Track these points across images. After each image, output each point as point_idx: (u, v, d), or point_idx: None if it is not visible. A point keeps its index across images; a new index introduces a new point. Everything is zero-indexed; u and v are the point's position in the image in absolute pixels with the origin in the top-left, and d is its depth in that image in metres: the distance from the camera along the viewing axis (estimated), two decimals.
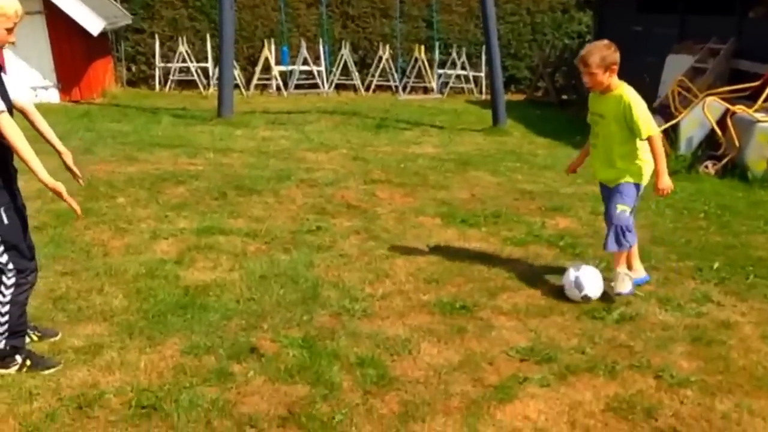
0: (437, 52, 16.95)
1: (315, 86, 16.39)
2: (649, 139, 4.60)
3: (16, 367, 3.66)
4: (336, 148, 9.84)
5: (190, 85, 15.99)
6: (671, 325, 4.38)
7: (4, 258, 3.60)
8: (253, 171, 8.15)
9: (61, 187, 3.67)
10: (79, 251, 5.39)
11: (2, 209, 3.57)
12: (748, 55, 9.78)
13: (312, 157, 9.17)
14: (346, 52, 16.39)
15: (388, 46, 16.59)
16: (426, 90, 17.07)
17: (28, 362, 3.68)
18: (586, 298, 4.70)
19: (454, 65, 16.96)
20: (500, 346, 4.09)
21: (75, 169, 4.00)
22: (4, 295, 3.61)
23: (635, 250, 5.04)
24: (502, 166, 9.06)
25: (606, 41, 4.70)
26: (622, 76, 4.78)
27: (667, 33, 12.21)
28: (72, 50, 13.49)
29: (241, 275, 5.04)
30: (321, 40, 16.44)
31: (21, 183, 3.80)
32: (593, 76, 4.61)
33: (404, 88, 16.76)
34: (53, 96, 13.57)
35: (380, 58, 16.50)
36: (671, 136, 9.43)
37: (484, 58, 15.61)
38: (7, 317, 3.63)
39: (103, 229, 5.93)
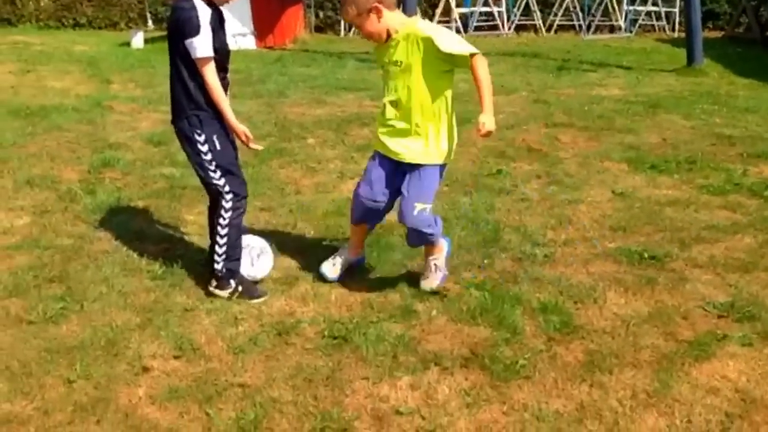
0: None
1: (495, 27, 16.05)
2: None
3: (230, 291, 3.93)
4: (516, 91, 9.62)
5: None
6: None
7: (222, 181, 3.88)
8: None
9: (246, 132, 3.94)
10: (275, 189, 5.70)
11: (214, 136, 3.87)
12: None
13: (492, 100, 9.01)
14: None
15: None
16: (612, 29, 16.20)
17: (240, 288, 3.94)
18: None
19: (644, 1, 15.93)
20: (695, 301, 3.88)
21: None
22: (224, 219, 3.87)
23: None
24: (697, 109, 8.47)
25: None
26: None
27: None
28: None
29: None
30: None
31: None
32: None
33: (588, 28, 16.00)
34: (250, 43, 14.26)
35: None
36: None
37: None
38: (225, 239, 3.89)
39: (295, 168, 6.23)
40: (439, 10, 15.62)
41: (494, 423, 2.93)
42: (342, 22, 16.35)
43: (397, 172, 3.86)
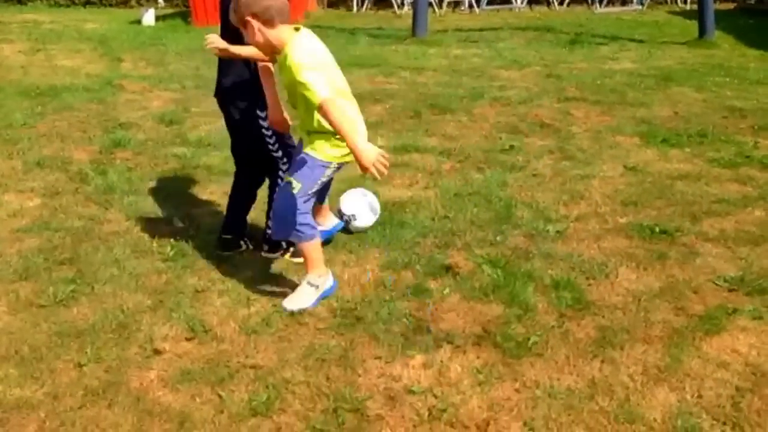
0: None
1: (507, 2, 15.89)
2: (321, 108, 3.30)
3: (281, 252, 4.17)
4: (529, 66, 9.55)
5: (385, 4, 16.09)
6: None
7: (279, 153, 4.07)
8: (447, 89, 8.13)
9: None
10: None
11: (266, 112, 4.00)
12: None
13: (504, 75, 8.98)
14: None
15: None
16: (624, 2, 16.02)
17: (291, 249, 4.11)
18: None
19: None
20: (706, 275, 3.87)
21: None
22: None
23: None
24: (709, 82, 8.39)
25: None
26: None
27: None
28: None
29: (435, 193, 5.11)
30: None
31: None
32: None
33: (601, 1, 15.82)
34: None
35: None
36: None
37: None
38: None
39: None
40: None
41: (506, 400, 2.95)
42: None
43: None
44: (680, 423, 2.77)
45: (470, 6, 15.82)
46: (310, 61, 3.38)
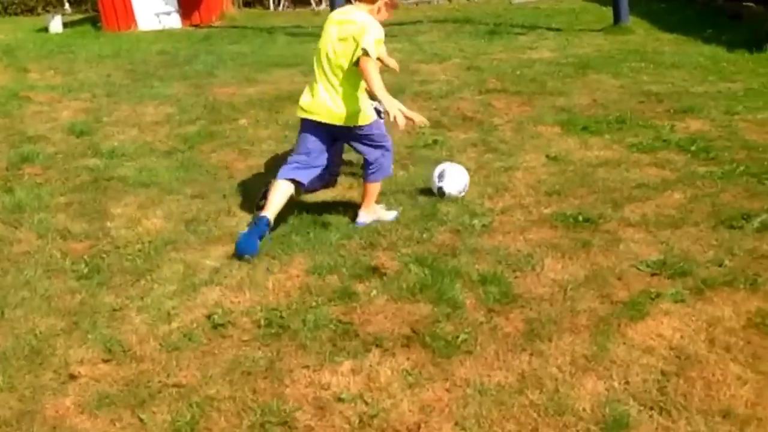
0: None
1: None
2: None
3: None
4: (449, 58, 9.58)
5: (303, 2, 15.93)
6: None
7: None
8: None
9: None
10: (207, 174, 5.55)
11: None
12: None
13: (425, 69, 8.98)
14: None
15: None
16: None
17: None
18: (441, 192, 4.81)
19: None
20: (629, 260, 3.92)
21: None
22: None
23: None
24: (625, 67, 8.56)
25: None
26: None
27: None
28: None
29: (359, 193, 5.03)
30: None
31: (151, 108, 3.88)
32: None
33: None
34: (175, 21, 13.86)
35: None
36: None
37: None
38: None
39: (228, 151, 6.08)
40: None
41: (437, 401, 2.91)
42: None
43: None
44: (608, 411, 2.77)
45: None
46: None
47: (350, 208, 4.74)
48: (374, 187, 4.57)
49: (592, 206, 4.64)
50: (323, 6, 15.23)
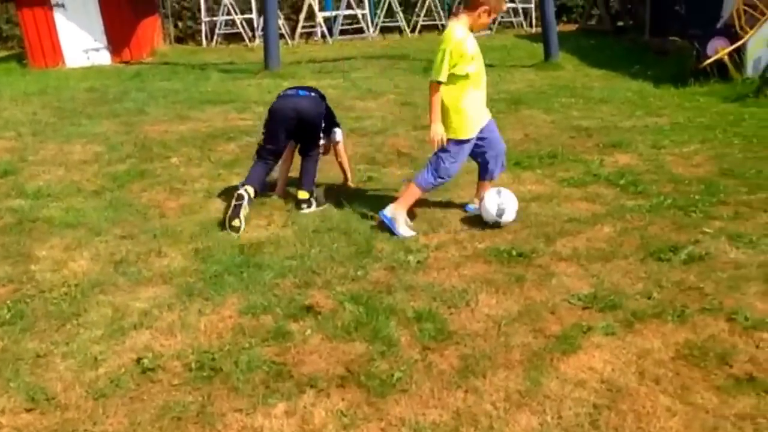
0: None
1: (360, 31, 16.13)
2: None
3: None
4: (384, 94, 9.67)
5: (236, 38, 15.92)
6: (743, 264, 4.18)
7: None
8: None
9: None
10: (137, 214, 5.43)
11: None
12: None
13: (360, 105, 9.04)
14: None
15: None
16: None
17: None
18: (500, 214, 4.88)
19: None
20: (561, 294, 3.97)
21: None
22: (316, 162, 5.54)
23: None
24: (556, 103, 8.78)
25: None
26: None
27: None
28: (120, 10, 13.52)
29: (294, 231, 5.00)
30: None
31: (79, 147, 3.77)
32: None
33: None
34: (105, 58, 13.66)
35: None
36: (736, 58, 8.97)
37: None
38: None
39: (159, 190, 5.96)
40: (302, 15, 15.53)
41: None
42: (203, 32, 15.93)
43: None
44: None
45: (323, 36, 15.94)
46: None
47: (283, 248, 4.70)
48: (411, 191, 4.95)
49: (525, 241, 4.70)
50: (257, 42, 15.24)
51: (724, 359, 3.27)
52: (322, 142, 5.66)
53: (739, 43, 8.85)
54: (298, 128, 5.47)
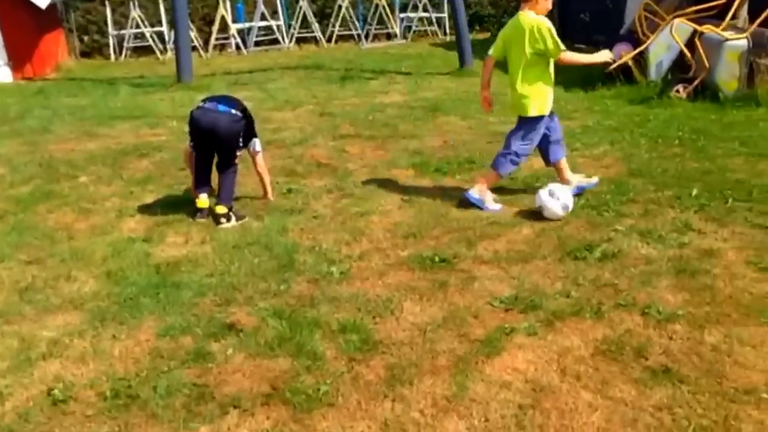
0: None
1: (275, 42, 16.01)
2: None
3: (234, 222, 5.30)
4: (302, 105, 9.61)
5: (147, 51, 15.57)
6: (654, 259, 4.31)
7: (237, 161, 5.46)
8: None
9: None
10: (43, 237, 5.19)
11: None
12: None
13: (278, 117, 8.95)
14: (304, 3, 15.99)
15: None
16: (389, 36, 16.75)
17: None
18: (566, 208, 5.07)
19: (416, 8, 16.61)
20: (484, 298, 3.99)
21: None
22: (234, 177, 5.47)
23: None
24: (472, 109, 8.90)
25: None
26: (586, 2, 4.66)
27: None
28: (21, 25, 12.99)
29: (213, 247, 4.89)
30: None
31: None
32: None
33: (367, 36, 16.42)
34: (5, 75, 13.12)
35: (340, 6, 16.12)
36: (641, 62, 9.30)
37: None
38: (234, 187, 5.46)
39: (66, 211, 5.73)
40: (215, 27, 15.30)
41: None
42: (111, 45, 15.50)
43: None
44: None
45: (237, 47, 15.75)
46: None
47: (202, 266, 4.58)
48: (492, 174, 5.45)
49: (448, 246, 4.72)
50: (169, 55, 14.93)
51: (640, 352, 3.36)
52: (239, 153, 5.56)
53: (642, 47, 9.18)
54: (213, 143, 5.37)
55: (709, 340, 3.42)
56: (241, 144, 5.48)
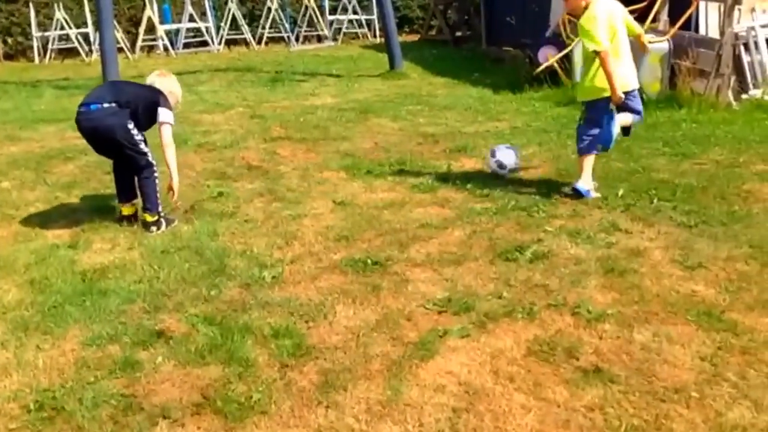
0: None
1: (204, 44, 15.76)
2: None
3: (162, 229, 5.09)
4: (232, 107, 9.48)
5: (72, 53, 15.11)
6: (583, 259, 4.40)
7: (150, 157, 5.12)
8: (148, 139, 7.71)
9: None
10: None
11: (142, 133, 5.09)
12: None
13: (208, 119, 8.80)
14: (233, 5, 15.79)
15: None
16: (319, 38, 16.70)
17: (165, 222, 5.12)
18: (501, 165, 6.02)
19: (345, 10, 16.61)
20: (417, 300, 4.00)
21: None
22: (151, 180, 5.11)
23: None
24: (403, 111, 8.95)
25: None
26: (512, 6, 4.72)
27: None
28: None
29: (141, 253, 4.76)
30: None
31: None
32: None
33: (297, 39, 16.34)
34: None
35: (269, 9, 15.97)
36: (565, 65, 9.51)
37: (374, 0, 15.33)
38: (157, 191, 5.10)
39: None
40: (142, 29, 14.96)
41: None
42: (35, 48, 14.98)
43: None
44: None
45: (165, 49, 15.44)
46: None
47: (130, 272, 4.46)
48: (586, 160, 5.49)
49: (380, 249, 4.72)
50: (94, 56, 14.52)
51: (572, 353, 3.41)
52: (144, 139, 5.10)
53: (566, 50, 9.39)
54: (105, 147, 5.12)
55: (638, 339, 3.51)
56: (135, 134, 5.00)
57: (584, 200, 5.42)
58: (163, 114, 5.07)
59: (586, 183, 5.49)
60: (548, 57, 9.57)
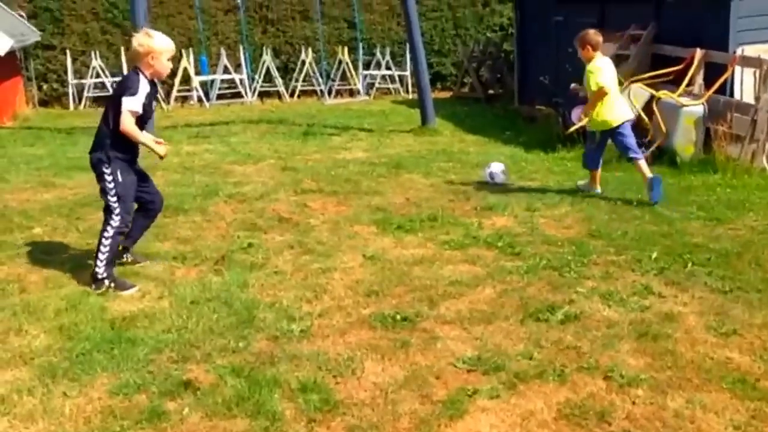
0: (361, 52, 16.82)
1: (238, 95, 16.04)
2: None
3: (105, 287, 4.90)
4: (264, 159, 9.59)
5: (107, 101, 15.43)
6: (616, 322, 4.33)
7: (116, 206, 4.97)
8: (179, 188, 7.83)
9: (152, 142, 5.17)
10: None
11: (118, 171, 5.00)
12: (668, 40, 9.92)
13: (239, 170, 8.91)
14: (267, 57, 16.11)
15: (310, 50, 16.38)
16: (352, 92, 16.91)
17: (113, 284, 4.92)
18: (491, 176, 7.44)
19: (378, 65, 16.86)
20: (446, 358, 3.95)
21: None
22: (108, 232, 4.98)
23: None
24: (435, 167, 8.98)
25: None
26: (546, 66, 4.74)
27: (587, 22, 12.34)
28: None
29: (170, 302, 4.78)
30: (241, 47, 16.10)
31: None
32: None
33: (329, 92, 16.57)
34: None
35: (303, 62, 16.28)
36: None
37: (408, 56, 15.55)
38: (108, 249, 4.97)
39: (19, 263, 5.56)
40: (177, 79, 15.30)
41: None
42: (71, 95, 15.37)
43: None
44: None
45: (199, 100, 15.73)
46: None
47: (159, 321, 4.47)
48: (640, 165, 7.07)
49: (410, 305, 4.69)
50: None
51: (603, 417, 3.34)
52: (115, 180, 4.96)
53: None
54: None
55: (671, 406, 3.42)
56: (105, 167, 4.97)
57: (617, 262, 5.35)
58: (125, 102, 4.82)
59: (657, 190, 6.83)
60: (581, 117, 9.58)
